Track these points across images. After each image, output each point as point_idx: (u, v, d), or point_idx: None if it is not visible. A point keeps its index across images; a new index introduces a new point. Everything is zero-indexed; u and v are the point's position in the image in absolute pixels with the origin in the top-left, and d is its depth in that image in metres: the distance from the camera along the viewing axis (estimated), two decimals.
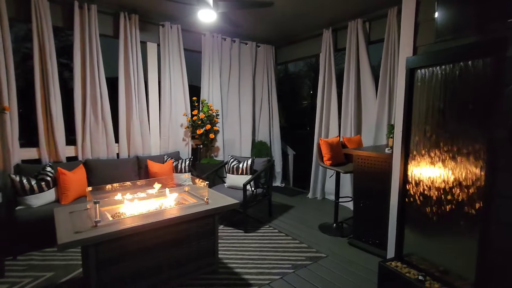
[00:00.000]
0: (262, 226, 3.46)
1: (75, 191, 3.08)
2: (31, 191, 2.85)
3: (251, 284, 2.28)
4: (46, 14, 3.26)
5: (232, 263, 2.60)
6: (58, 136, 3.41)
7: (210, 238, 2.37)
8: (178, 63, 4.32)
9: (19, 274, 2.41)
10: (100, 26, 3.62)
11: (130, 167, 3.72)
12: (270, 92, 5.40)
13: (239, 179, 3.52)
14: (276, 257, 2.72)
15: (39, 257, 2.70)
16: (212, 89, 4.69)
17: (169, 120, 4.31)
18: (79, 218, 2.02)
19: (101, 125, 3.71)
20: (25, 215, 2.72)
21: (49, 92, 3.33)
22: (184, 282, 2.27)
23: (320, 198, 4.60)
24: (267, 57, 5.31)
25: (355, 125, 4.08)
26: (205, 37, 4.58)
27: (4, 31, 3.05)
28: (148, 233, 2.04)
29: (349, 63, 4.11)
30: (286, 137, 5.68)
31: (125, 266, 1.96)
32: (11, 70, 3.11)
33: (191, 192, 2.65)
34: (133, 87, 3.89)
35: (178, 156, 4.23)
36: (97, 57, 3.61)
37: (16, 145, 3.18)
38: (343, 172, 3.05)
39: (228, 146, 4.95)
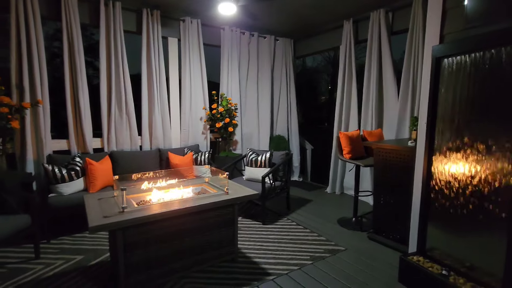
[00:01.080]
0: (280, 219, 3.49)
1: (102, 180, 3.23)
2: (62, 179, 3.02)
3: (270, 273, 2.32)
4: (74, 12, 3.42)
5: (250, 253, 2.64)
6: (85, 129, 3.59)
7: (230, 227, 2.42)
8: (197, 58, 4.40)
9: (52, 256, 2.57)
10: (124, 22, 3.75)
11: (152, 158, 3.84)
12: (288, 86, 5.37)
13: (257, 171, 3.56)
14: (294, 248, 2.74)
15: (69, 241, 2.87)
16: (231, 83, 4.74)
17: (189, 114, 4.41)
18: (107, 204, 2.13)
19: (125, 119, 3.86)
20: (57, 202, 2.89)
21: (77, 87, 3.50)
22: (204, 268, 2.35)
23: (338, 193, 4.55)
24: (285, 50, 5.28)
25: (376, 119, 3.99)
26: (224, 31, 4.62)
27: (37, 30, 3.23)
28: (171, 220, 2.12)
29: (370, 55, 4.00)
30: (304, 132, 5.65)
31: (150, 251, 2.06)
32: (43, 66, 3.29)
33: (211, 183, 2.71)
34: (155, 82, 4.00)
35: (197, 149, 4.32)
36: (122, 53, 3.74)
37: (48, 137, 3.38)
38: (363, 165, 3.00)
39: (246, 139, 5.00)
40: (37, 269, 2.36)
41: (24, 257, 2.56)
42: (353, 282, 2.22)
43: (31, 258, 2.53)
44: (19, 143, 3.19)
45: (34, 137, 3.27)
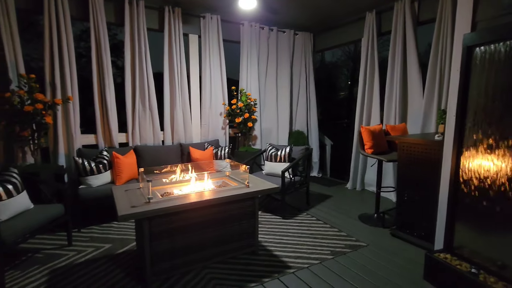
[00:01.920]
0: (300, 214, 3.48)
1: (127, 173, 3.37)
2: (91, 172, 3.17)
3: (290, 266, 2.33)
4: (101, 12, 3.55)
5: (271, 246, 2.66)
6: (112, 124, 3.74)
7: (250, 220, 2.45)
8: (217, 54, 4.44)
9: (83, 244, 2.72)
10: (147, 20, 3.85)
11: (174, 153, 3.95)
12: (307, 80, 5.32)
13: (277, 166, 3.57)
14: (315, 243, 2.73)
15: (98, 230, 3.03)
16: (250, 78, 4.75)
17: (209, 110, 4.48)
18: (134, 195, 2.22)
19: (148, 115, 3.99)
20: (86, 194, 3.05)
21: (104, 84, 3.65)
22: (225, 259, 2.39)
23: (359, 189, 4.47)
24: (305, 44, 5.21)
25: (400, 113, 3.86)
26: (244, 27, 4.63)
27: (67, 30, 3.39)
28: (193, 212, 2.18)
29: (394, 47, 3.87)
30: (323, 128, 5.57)
31: (174, 241, 2.13)
32: (73, 65, 3.46)
33: (232, 177, 2.75)
34: (176, 78, 4.09)
35: (217, 144, 4.39)
36: (145, 50, 3.85)
37: (78, 132, 3.56)
38: (386, 160, 2.92)
39: (266, 134, 5.01)
40: (70, 255, 2.51)
41: (58, 244, 2.72)
42: (375, 277, 2.18)
43: (64, 245, 2.69)
44: (52, 138, 3.39)
45: (65, 132, 3.46)
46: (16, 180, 2.39)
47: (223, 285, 2.09)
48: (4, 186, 2.24)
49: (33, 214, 2.38)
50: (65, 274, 2.24)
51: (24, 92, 2.99)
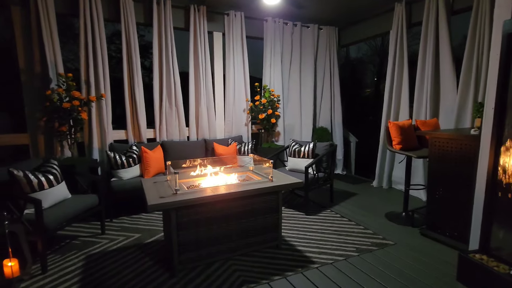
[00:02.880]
0: (324, 210, 3.43)
1: (155, 167, 3.50)
2: (122, 165, 3.34)
3: (314, 261, 2.31)
4: (131, 13, 3.71)
5: (294, 241, 2.66)
6: (141, 121, 3.90)
7: (274, 214, 2.46)
8: (240, 50, 4.48)
9: (115, 233, 2.88)
10: (173, 19, 3.97)
11: (198, 148, 4.05)
12: (332, 76, 5.21)
13: (300, 162, 3.54)
14: (339, 240, 2.69)
15: (128, 221, 3.18)
16: (273, 74, 4.75)
17: (232, 106, 4.54)
18: (162, 187, 2.31)
19: (174, 111, 4.11)
20: (117, 186, 3.21)
21: (133, 83, 3.81)
22: (249, 252, 2.42)
23: (386, 187, 4.32)
24: (329, 39, 5.11)
25: (431, 108, 3.68)
26: (267, 23, 4.62)
27: (101, 31, 3.58)
28: (218, 204, 2.23)
29: (425, 39, 3.69)
30: (348, 125, 5.44)
31: (199, 232, 2.19)
32: (106, 64, 3.65)
33: (256, 171, 2.77)
34: (201, 75, 4.18)
35: (241, 140, 4.44)
36: (172, 49, 3.97)
37: (110, 128, 3.75)
38: (415, 156, 2.80)
39: (289, 131, 4.98)
40: (103, 243, 2.67)
41: (93, 232, 2.90)
42: (403, 277, 2.11)
43: (98, 234, 2.86)
44: (87, 133, 3.60)
45: (98, 128, 3.66)
46: (56, 171, 2.57)
47: (247, 276, 2.12)
48: (46, 176, 2.43)
49: (71, 203, 2.55)
50: (99, 260, 2.38)
51: (63, 90, 3.21)
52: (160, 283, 2.06)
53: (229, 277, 2.11)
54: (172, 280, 2.08)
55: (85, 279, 2.11)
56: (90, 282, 2.08)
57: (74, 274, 2.17)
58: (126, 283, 2.06)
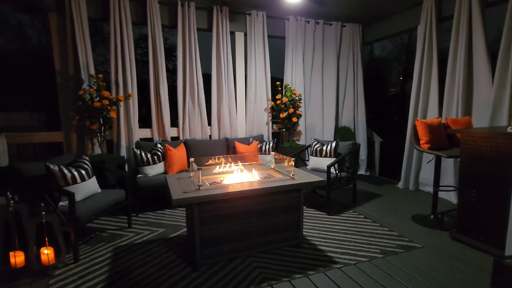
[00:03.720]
0: (346, 211, 3.36)
1: (178, 165, 3.60)
2: (147, 162, 3.46)
3: (336, 261, 2.27)
4: (157, 16, 3.85)
5: (315, 241, 2.62)
6: (165, 120, 4.03)
7: (295, 212, 2.45)
8: (262, 50, 4.50)
9: (140, 227, 2.99)
10: (197, 21, 4.06)
11: (220, 147, 4.11)
12: (355, 74, 5.09)
13: (322, 161, 3.49)
14: (362, 241, 2.62)
15: (153, 216, 3.29)
16: (295, 73, 4.72)
17: (253, 105, 4.56)
18: (185, 183, 2.37)
19: (197, 111, 4.21)
20: (143, 182, 3.33)
21: (159, 84, 3.94)
22: (269, 250, 2.42)
23: (413, 189, 4.14)
24: (353, 37, 5.00)
25: (463, 106, 3.48)
26: (289, 22, 4.61)
27: (129, 34, 3.75)
28: (240, 201, 2.25)
29: (457, 33, 3.51)
30: (372, 124, 5.28)
31: (221, 227, 2.22)
32: (133, 66, 3.82)
33: (277, 169, 2.77)
34: (223, 75, 4.25)
35: (262, 139, 4.45)
36: (195, 50, 4.07)
37: (136, 126, 3.91)
38: (445, 156, 2.67)
39: (310, 130, 4.92)
40: (129, 236, 2.78)
41: (120, 225, 3.03)
42: (432, 281, 2.01)
43: (125, 227, 2.98)
44: (115, 131, 3.77)
45: (126, 126, 3.82)
46: (87, 166, 2.71)
47: (267, 273, 2.12)
48: (79, 171, 2.57)
49: (101, 197, 2.68)
50: (126, 252, 2.48)
51: (94, 90, 3.38)
52: (183, 276, 2.11)
53: (250, 273, 2.12)
54: (195, 274, 2.13)
55: (113, 269, 2.21)
56: (117, 272, 2.17)
57: (103, 264, 2.28)
58: (151, 275, 2.13)
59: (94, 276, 2.11)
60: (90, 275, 2.14)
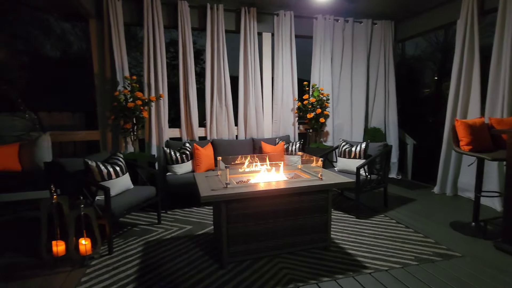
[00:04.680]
0: (376, 215, 3.22)
1: (206, 163, 3.67)
2: (176, 161, 3.56)
3: (366, 266, 2.17)
4: (187, 19, 3.97)
5: (344, 244, 2.54)
6: (193, 120, 4.13)
7: (323, 214, 2.38)
8: (289, 50, 4.47)
9: (169, 224, 3.08)
10: (225, 22, 4.13)
11: (246, 147, 4.14)
12: (386, 73, 4.88)
13: (351, 163, 3.38)
14: (394, 246, 2.49)
15: (181, 213, 3.38)
16: (322, 73, 4.63)
17: (280, 106, 4.54)
18: (213, 181, 2.40)
19: (224, 111, 4.27)
20: (172, 180, 3.43)
21: (188, 85, 4.06)
22: (296, 251, 2.38)
23: (450, 194, 3.88)
24: (384, 34, 4.81)
25: (509, 105, 3.20)
26: (317, 21, 4.54)
27: (161, 38, 3.90)
28: (266, 200, 2.24)
29: (502, 27, 3.24)
30: (404, 126, 5.03)
31: (247, 226, 2.22)
32: (164, 68, 3.96)
33: (304, 170, 2.72)
34: (250, 76, 4.28)
35: (288, 140, 4.41)
36: (223, 51, 4.14)
37: (166, 126, 4.04)
38: (489, 159, 2.46)
39: (338, 131, 4.80)
40: (159, 232, 2.87)
41: (150, 221, 3.14)
42: None
43: (155, 223, 3.09)
44: (147, 130, 3.93)
45: (156, 126, 3.97)
46: (121, 163, 2.85)
47: (294, 275, 2.08)
48: (114, 167, 2.71)
49: (133, 193, 2.80)
50: (156, 246, 2.56)
51: (128, 91, 3.55)
52: (209, 273, 2.13)
53: (276, 274, 2.10)
54: (221, 271, 2.14)
55: (144, 262, 2.29)
56: (148, 265, 2.25)
57: (135, 257, 2.37)
58: (179, 269, 2.18)
59: (126, 268, 2.21)
60: (123, 266, 2.23)
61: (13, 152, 3.28)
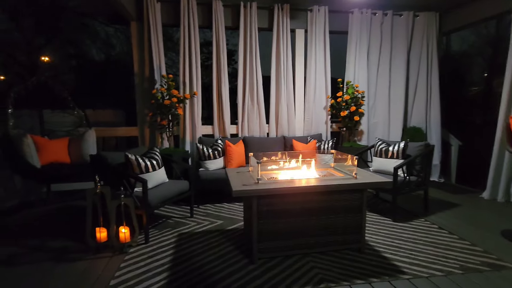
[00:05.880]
0: (416, 219, 3.02)
1: (237, 160, 3.71)
2: (208, 157, 3.65)
3: (404, 272, 2.04)
4: (221, 18, 4.04)
5: (379, 247, 2.41)
6: (225, 118, 4.20)
7: (357, 214, 2.29)
8: (322, 46, 4.36)
9: (201, 218, 3.16)
10: (258, 20, 4.14)
11: (277, 144, 4.11)
12: (429, 69, 4.56)
13: (388, 162, 3.20)
14: (436, 253, 2.31)
15: (212, 208, 3.45)
16: (358, 69, 4.45)
17: (312, 103, 4.44)
18: (244, 177, 2.42)
19: (256, 109, 4.28)
20: (204, 175, 3.52)
21: (220, 83, 4.13)
22: (328, 251, 2.31)
23: (502, 200, 3.52)
24: (427, 27, 4.49)
25: None
26: (353, 15, 4.37)
27: (196, 38, 4.01)
28: (298, 197, 2.20)
29: None
30: (448, 126, 4.66)
31: (278, 222, 2.20)
32: (198, 66, 4.07)
33: (337, 168, 2.64)
34: (282, 73, 4.24)
35: (320, 138, 4.31)
36: (255, 49, 4.16)
37: (199, 123, 4.16)
38: None
39: (373, 130, 4.58)
40: (191, 225, 2.96)
41: (183, 214, 3.25)
42: None
43: (187, 216, 3.19)
44: (182, 127, 4.08)
45: (190, 123, 4.10)
46: (158, 158, 2.98)
47: (325, 275, 2.02)
48: (151, 161, 2.84)
49: (168, 186, 2.92)
50: (188, 238, 2.65)
51: (164, 89, 3.71)
52: (240, 267, 2.15)
53: (307, 272, 2.06)
54: (251, 266, 2.15)
55: (177, 253, 2.38)
56: (181, 256, 2.33)
57: (169, 248, 2.47)
58: (210, 262, 2.23)
59: (161, 257, 2.30)
60: (158, 255, 2.33)
61: (64, 146, 3.59)
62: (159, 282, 1.98)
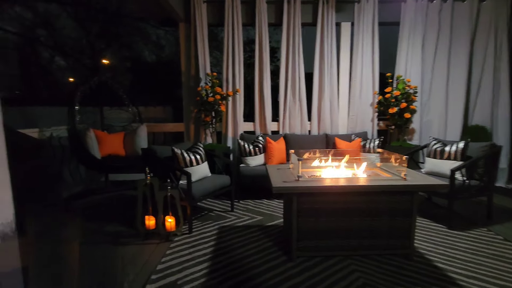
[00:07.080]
0: (476, 228, 2.70)
1: (277, 157, 3.70)
2: (249, 153, 3.70)
3: (460, 285, 1.85)
4: (264, 15, 4.05)
5: (430, 256, 2.22)
6: (267, 115, 4.22)
7: (405, 218, 2.13)
8: (370, 39, 4.11)
9: (241, 212, 3.22)
10: (302, 15, 4.06)
11: (319, 142, 4.01)
12: (497, 62, 4.02)
13: (443, 164, 2.91)
14: (500, 267, 2.05)
15: (252, 204, 3.50)
16: (410, 62, 4.12)
17: (358, 100, 4.23)
18: (284, 173, 2.40)
19: (297, 106, 4.22)
20: (245, 171, 3.58)
21: (262, 80, 4.15)
22: (371, 255, 2.19)
23: None
24: (496, 13, 3.97)
25: None
26: (406, 4, 4.04)
27: (239, 36, 4.09)
28: (340, 196, 2.12)
29: None
30: None
31: (318, 221, 2.15)
32: (241, 65, 4.16)
33: (384, 168, 2.48)
34: (326, 69, 4.11)
35: (365, 136, 4.09)
36: (298, 45, 4.09)
37: (241, 120, 4.24)
38: None
39: (427, 128, 4.20)
40: (232, 219, 3.04)
41: (224, 208, 3.35)
42: None
43: (228, 210, 3.28)
44: (224, 123, 4.20)
45: (232, 119, 4.20)
46: (201, 152, 3.11)
47: (368, 280, 1.92)
48: (195, 156, 2.98)
49: (210, 180, 3.03)
50: (228, 232, 2.72)
51: (209, 86, 3.85)
52: (278, 264, 2.15)
53: (348, 275, 1.97)
54: (289, 264, 2.13)
55: (218, 245, 2.46)
56: (221, 248, 2.40)
57: (210, 239, 2.57)
58: (248, 256, 2.27)
59: (203, 248, 2.41)
60: (201, 246, 2.44)
61: (120, 140, 3.94)
62: (201, 271, 2.07)
